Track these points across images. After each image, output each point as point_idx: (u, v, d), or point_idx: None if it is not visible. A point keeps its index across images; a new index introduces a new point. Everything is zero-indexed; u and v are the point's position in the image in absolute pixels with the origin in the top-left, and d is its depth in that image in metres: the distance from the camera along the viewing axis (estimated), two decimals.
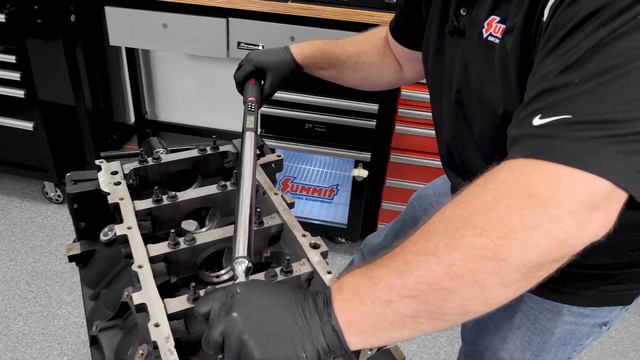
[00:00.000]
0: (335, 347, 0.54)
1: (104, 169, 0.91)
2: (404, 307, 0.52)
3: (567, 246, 0.48)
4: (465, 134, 0.82)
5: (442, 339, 1.94)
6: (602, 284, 0.83)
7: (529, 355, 0.92)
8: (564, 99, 0.51)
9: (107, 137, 2.47)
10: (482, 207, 0.50)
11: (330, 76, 1.10)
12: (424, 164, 1.98)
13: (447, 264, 0.50)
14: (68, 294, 1.99)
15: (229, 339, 0.54)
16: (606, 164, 0.48)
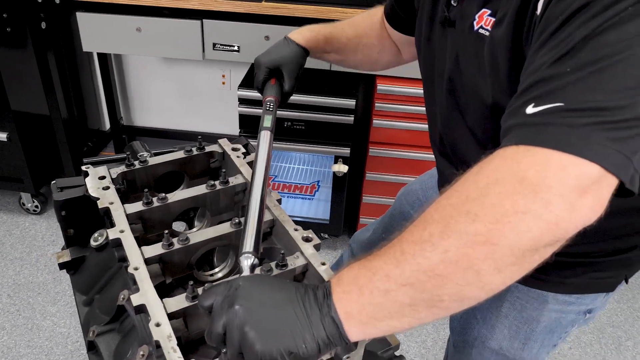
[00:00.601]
0: (335, 339, 0.55)
1: (91, 174, 0.90)
2: (401, 295, 0.52)
3: (559, 230, 0.49)
4: (458, 123, 0.83)
5: (428, 326, 1.98)
6: (586, 272, 0.85)
7: (516, 343, 0.94)
8: (557, 87, 0.52)
9: (83, 145, 2.44)
10: (475, 194, 0.51)
11: (334, 59, 1.12)
12: (403, 156, 2.01)
13: (441, 250, 0.51)
14: (52, 305, 1.96)
15: (230, 331, 0.56)
16: (596, 149, 0.49)
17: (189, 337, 0.72)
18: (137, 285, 0.71)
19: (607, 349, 1.96)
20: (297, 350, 0.54)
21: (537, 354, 0.95)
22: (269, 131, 0.88)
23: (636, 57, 0.50)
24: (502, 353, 0.97)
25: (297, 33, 1.05)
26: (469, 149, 0.83)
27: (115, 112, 2.56)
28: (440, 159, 0.96)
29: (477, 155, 0.55)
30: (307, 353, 0.54)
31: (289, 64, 1.01)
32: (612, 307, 2.11)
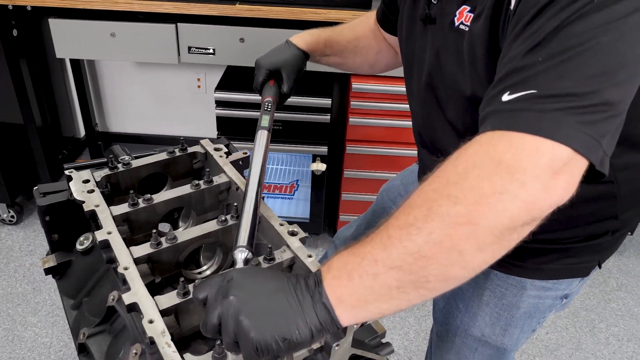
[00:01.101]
0: (327, 324, 0.57)
1: (75, 178, 0.91)
2: (389, 278, 0.54)
3: (535, 209, 0.52)
4: (438, 117, 0.86)
5: (410, 319, 2.02)
6: (561, 258, 0.88)
7: (498, 329, 0.97)
8: (530, 76, 0.55)
9: (57, 153, 2.41)
10: (455, 178, 0.54)
11: (334, 62, 1.14)
12: (379, 153, 2.05)
13: (426, 232, 0.53)
14: (32, 315, 1.94)
15: (225, 321, 0.57)
16: (567, 132, 0.52)
17: (181, 334, 0.74)
18: (127, 285, 0.72)
19: (582, 332, 2.02)
20: (290, 337, 0.55)
21: (517, 339, 0.99)
22: (266, 130, 0.91)
23: (601, 46, 0.53)
24: (485, 340, 1.00)
25: (298, 37, 1.08)
26: (449, 142, 0.86)
27: (90, 119, 2.54)
28: (422, 150, 0.99)
29: (456, 145, 0.58)
30: (300, 339, 0.56)
31: (288, 67, 1.03)
32: (585, 291, 2.19)
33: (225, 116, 1.94)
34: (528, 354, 1.93)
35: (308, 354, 0.68)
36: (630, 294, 2.19)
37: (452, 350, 1.06)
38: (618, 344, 1.99)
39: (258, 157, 0.85)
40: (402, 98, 1.93)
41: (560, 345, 1.96)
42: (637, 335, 2.02)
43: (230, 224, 0.83)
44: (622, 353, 1.95)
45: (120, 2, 1.76)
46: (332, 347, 0.66)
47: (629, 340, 2.00)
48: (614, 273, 2.28)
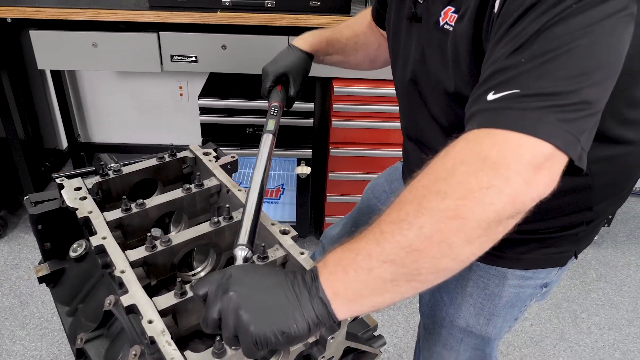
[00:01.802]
0: (324, 318, 0.59)
1: (66, 186, 0.92)
2: (383, 271, 0.56)
3: (518, 202, 0.54)
4: (422, 112, 0.89)
5: (398, 316, 2.05)
6: (540, 248, 0.91)
7: (482, 319, 1.01)
8: (513, 76, 0.58)
9: (40, 166, 2.40)
10: (443, 174, 0.56)
11: (336, 61, 1.16)
12: (362, 154, 2.08)
13: (417, 227, 0.55)
14: (21, 329, 1.92)
15: (225, 316, 0.59)
16: (548, 129, 0.54)
17: (179, 334, 0.75)
18: (124, 288, 0.73)
19: (565, 322, 2.08)
20: (288, 330, 0.57)
21: (500, 327, 1.02)
22: (271, 134, 0.93)
23: (580, 48, 0.56)
24: (470, 330, 1.03)
25: (300, 39, 1.10)
26: (433, 136, 0.89)
27: (72, 130, 2.53)
28: (408, 143, 1.01)
29: (441, 141, 0.61)
30: (298, 332, 0.58)
31: (294, 70, 1.06)
32: (566, 283, 2.24)
33: (210, 123, 1.96)
34: (514, 346, 1.97)
35: (304, 348, 0.70)
36: (609, 284, 2.26)
37: (439, 342, 1.10)
38: (600, 332, 2.04)
39: (262, 159, 0.87)
40: (384, 100, 1.97)
41: (544, 337, 2.01)
42: (617, 323, 2.08)
43: (223, 225, 0.85)
44: (603, 341, 2.01)
45: (102, 13, 1.77)
46: (327, 340, 0.69)
47: (609, 328, 2.06)
48: (593, 264, 2.34)
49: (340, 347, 0.72)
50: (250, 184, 0.82)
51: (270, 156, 0.90)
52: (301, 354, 0.71)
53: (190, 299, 0.73)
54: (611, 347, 1.99)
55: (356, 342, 0.76)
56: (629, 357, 1.95)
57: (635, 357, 1.95)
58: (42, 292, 2.06)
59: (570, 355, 1.95)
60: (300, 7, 1.82)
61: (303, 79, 1.08)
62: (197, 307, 0.74)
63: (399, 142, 1.09)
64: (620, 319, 2.10)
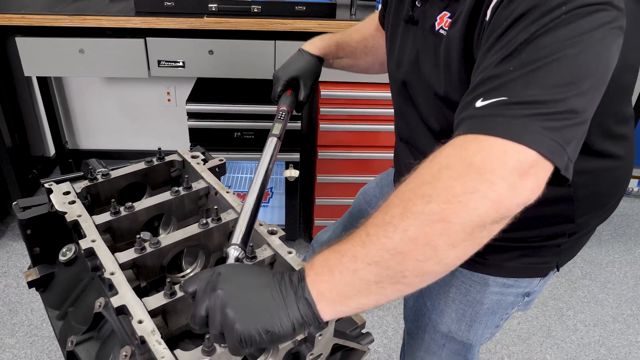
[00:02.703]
0: (309, 318, 0.60)
1: (55, 190, 0.93)
2: (368, 273, 0.57)
3: (502, 207, 0.55)
4: (412, 114, 0.91)
5: (388, 317, 2.07)
6: (521, 257, 0.92)
7: (463, 325, 1.02)
8: (501, 84, 0.59)
9: (27, 173, 2.38)
10: (429, 178, 0.57)
11: (346, 64, 1.17)
12: (350, 157, 2.10)
13: (402, 230, 0.56)
14: (10, 337, 1.91)
15: (212, 314, 0.60)
16: (533, 137, 0.55)
17: (169, 334, 0.76)
18: (114, 290, 0.74)
19: (551, 320, 2.11)
20: (273, 329, 0.58)
21: (481, 334, 1.04)
22: (276, 138, 0.95)
23: (568, 58, 0.58)
24: (451, 336, 1.04)
25: (310, 44, 1.12)
26: (423, 138, 0.91)
27: (59, 137, 2.52)
28: (400, 143, 1.02)
29: (431, 144, 0.62)
30: (282, 332, 0.59)
31: (305, 74, 1.07)
32: (552, 281, 2.28)
33: (198, 127, 1.97)
34: (502, 344, 1.99)
35: (293, 345, 0.72)
36: (594, 282, 2.30)
37: (422, 347, 1.11)
38: (585, 329, 2.07)
39: (264, 162, 0.89)
40: (370, 103, 1.99)
41: (531, 334, 2.04)
42: (602, 320, 2.11)
43: (212, 226, 0.86)
44: (589, 338, 2.04)
45: (88, 19, 1.78)
46: (315, 337, 0.70)
47: (595, 325, 2.10)
48: (578, 263, 2.38)
49: (328, 344, 0.74)
50: (251, 186, 0.83)
51: (274, 159, 0.91)
52: (290, 351, 0.72)
53: (180, 299, 0.74)
54: (597, 343, 2.02)
55: (344, 339, 0.77)
56: (614, 352, 1.98)
57: (619, 352, 1.98)
58: (31, 300, 2.04)
59: (556, 352, 1.98)
60: (287, 11, 1.84)
61: (313, 83, 1.10)
62: (187, 307, 0.75)
63: (387, 145, 1.11)
64: (605, 315, 2.14)
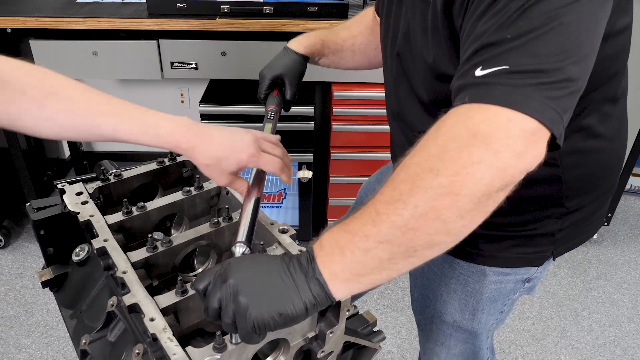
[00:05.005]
0: (321, 299, 0.60)
1: (68, 191, 0.94)
2: (381, 251, 0.58)
3: (507, 175, 0.56)
4: (404, 86, 0.90)
5: (401, 318, 2.06)
6: (514, 246, 0.93)
7: (467, 315, 1.03)
8: (501, 52, 0.59)
9: (43, 175, 2.42)
10: (435, 151, 0.57)
11: (331, 62, 1.17)
12: (363, 158, 2.10)
13: (412, 206, 0.56)
14: (26, 337, 1.94)
15: (225, 304, 0.60)
16: (536, 106, 0.56)
17: (181, 332, 0.77)
18: (127, 288, 0.75)
19: (566, 321, 2.08)
20: (286, 312, 0.59)
21: (486, 322, 1.04)
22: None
23: (563, 26, 0.58)
24: (457, 325, 1.05)
25: (295, 42, 1.12)
26: (413, 111, 0.90)
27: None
28: (392, 122, 1.02)
29: (420, 117, 0.61)
30: (295, 313, 0.59)
31: (290, 73, 1.07)
32: (567, 281, 2.25)
33: None
34: (516, 345, 1.98)
35: (304, 342, 0.72)
36: (609, 282, 2.27)
37: (430, 338, 1.12)
38: (600, 329, 2.05)
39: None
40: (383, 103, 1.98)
41: (546, 335, 2.02)
42: (617, 320, 2.09)
43: (223, 225, 0.86)
44: (604, 338, 2.01)
45: (102, 21, 1.80)
46: (326, 335, 0.70)
47: (610, 325, 2.07)
48: (593, 263, 2.35)
49: (339, 341, 0.74)
50: (249, 186, 0.84)
51: None
52: (301, 348, 0.72)
53: (191, 297, 0.74)
54: (612, 344, 1.99)
55: (355, 337, 0.77)
56: (629, 353, 1.96)
57: (635, 353, 1.96)
58: (46, 300, 2.07)
59: (571, 352, 1.95)
60: (298, 12, 1.84)
61: (299, 82, 1.09)
62: (198, 305, 0.76)
63: None
64: (621, 316, 2.11)
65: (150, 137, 0.78)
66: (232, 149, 0.78)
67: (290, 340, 0.70)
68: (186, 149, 0.77)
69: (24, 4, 1.94)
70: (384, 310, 2.10)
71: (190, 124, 0.79)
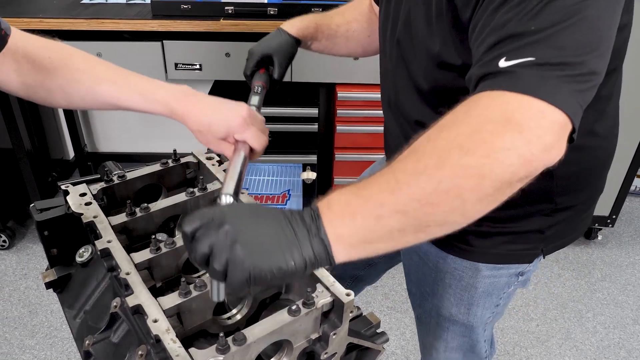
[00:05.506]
0: (321, 259, 0.57)
1: (71, 192, 0.94)
2: (393, 221, 0.56)
3: (531, 167, 0.56)
4: (402, 75, 0.90)
5: (406, 319, 2.06)
6: (504, 243, 0.93)
7: (462, 309, 1.04)
8: (525, 44, 0.59)
9: (47, 176, 2.42)
10: (468, 130, 0.56)
11: (324, 48, 1.16)
12: (367, 159, 2.09)
13: (436, 181, 0.55)
14: (30, 338, 1.94)
15: (218, 251, 0.56)
16: (566, 99, 0.56)
17: (184, 333, 0.77)
18: (130, 290, 0.75)
19: (571, 322, 2.07)
20: (286, 267, 0.56)
21: (481, 315, 1.05)
22: (254, 107, 0.96)
23: (586, 20, 0.58)
24: (453, 319, 1.06)
25: (289, 24, 1.11)
26: (409, 99, 0.90)
27: (78, 140, 2.56)
28: (388, 112, 1.01)
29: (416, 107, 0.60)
30: (294, 270, 0.57)
31: (280, 53, 1.06)
32: (572, 283, 2.24)
33: None
34: (520, 346, 1.97)
35: (307, 344, 0.71)
36: (614, 284, 2.26)
37: (429, 332, 1.14)
38: (605, 331, 2.04)
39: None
40: None
41: (550, 336, 2.01)
42: (622, 322, 2.08)
43: None
44: (609, 340, 2.01)
45: (106, 22, 1.80)
46: (329, 336, 0.70)
47: (614, 327, 2.06)
48: (598, 265, 2.34)
49: (343, 343, 0.74)
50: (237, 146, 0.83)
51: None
52: (304, 350, 0.72)
53: (194, 299, 0.74)
54: (616, 345, 1.98)
55: (359, 338, 0.77)
56: (634, 355, 1.95)
57: None
58: (50, 301, 2.08)
59: (575, 354, 1.95)
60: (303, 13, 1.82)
61: (288, 63, 1.08)
62: (202, 307, 0.76)
63: None
64: (625, 317, 2.10)
65: (148, 103, 0.84)
66: (222, 115, 0.82)
67: (293, 342, 0.70)
68: (180, 115, 0.82)
69: (29, 5, 1.95)
70: (388, 311, 2.09)
71: (187, 91, 0.84)
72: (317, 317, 0.70)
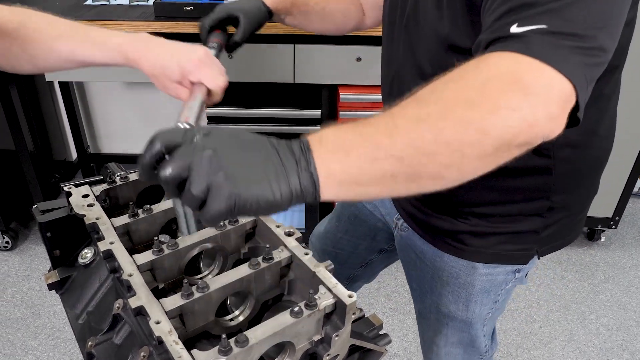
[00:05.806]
0: (308, 193, 0.54)
1: (74, 193, 0.94)
2: (387, 165, 0.54)
3: (532, 133, 0.55)
4: (409, 60, 0.89)
5: (408, 321, 2.05)
6: (499, 243, 0.94)
7: (460, 306, 1.05)
8: (537, 13, 0.58)
9: (50, 177, 2.43)
10: (475, 84, 0.55)
11: (298, 23, 1.14)
12: None
13: (437, 130, 0.53)
14: (33, 339, 1.95)
15: (198, 175, 0.51)
16: (574, 70, 0.56)
17: (187, 335, 0.77)
18: (132, 291, 0.75)
19: (574, 324, 2.07)
20: (272, 199, 0.52)
21: (479, 312, 1.06)
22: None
23: None
24: (452, 315, 1.07)
25: None
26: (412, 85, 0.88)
27: (81, 141, 2.56)
28: (388, 101, 1.00)
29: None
30: (279, 202, 0.53)
31: (248, 16, 1.03)
32: (575, 284, 2.24)
33: None
34: (523, 348, 1.97)
35: (310, 346, 0.71)
36: (617, 285, 2.25)
37: (430, 327, 1.15)
38: (608, 333, 2.04)
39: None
40: None
41: (553, 338, 2.01)
42: (625, 324, 2.07)
43: (229, 228, 0.86)
44: (612, 342, 2.00)
45: (109, 24, 1.80)
46: (331, 338, 0.70)
47: (618, 329, 2.06)
48: (601, 266, 2.33)
49: (345, 345, 0.74)
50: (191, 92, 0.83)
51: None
52: (307, 352, 0.72)
53: (197, 300, 0.74)
54: (619, 347, 1.98)
55: (361, 340, 0.77)
56: (637, 357, 1.95)
57: None
58: (53, 303, 2.08)
59: (578, 356, 1.94)
60: None
61: (254, 29, 1.05)
62: (204, 308, 0.76)
63: None
64: (629, 319, 2.10)
65: (103, 52, 0.83)
66: (177, 56, 0.80)
67: (296, 344, 0.70)
68: (134, 60, 0.81)
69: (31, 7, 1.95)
70: (391, 313, 2.09)
71: (142, 36, 0.83)
72: (319, 318, 0.70)
